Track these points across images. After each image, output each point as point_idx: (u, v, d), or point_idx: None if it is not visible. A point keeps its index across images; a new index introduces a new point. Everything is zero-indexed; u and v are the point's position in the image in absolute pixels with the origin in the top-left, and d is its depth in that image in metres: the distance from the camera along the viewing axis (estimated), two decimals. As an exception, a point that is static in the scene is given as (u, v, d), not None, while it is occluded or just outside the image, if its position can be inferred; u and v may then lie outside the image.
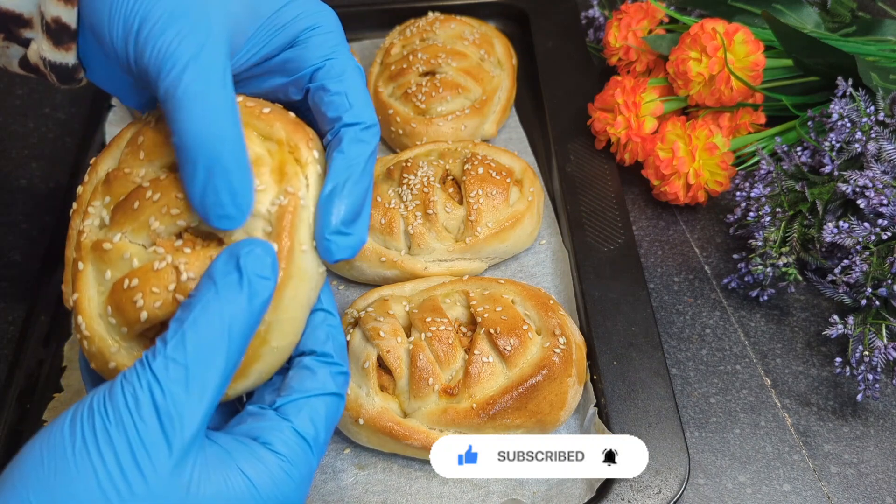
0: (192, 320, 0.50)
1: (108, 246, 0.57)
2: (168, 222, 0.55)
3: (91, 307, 0.57)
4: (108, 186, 0.59)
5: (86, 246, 0.58)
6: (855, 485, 0.78)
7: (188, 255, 0.54)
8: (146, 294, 0.54)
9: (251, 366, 0.55)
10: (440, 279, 0.89)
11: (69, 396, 0.86)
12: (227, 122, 0.52)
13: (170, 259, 0.54)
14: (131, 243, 0.56)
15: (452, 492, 0.78)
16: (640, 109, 0.96)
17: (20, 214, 1.05)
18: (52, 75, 0.62)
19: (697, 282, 0.94)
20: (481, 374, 0.77)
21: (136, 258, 0.56)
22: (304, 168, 0.57)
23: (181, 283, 0.54)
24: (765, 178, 0.92)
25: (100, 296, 0.57)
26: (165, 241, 0.56)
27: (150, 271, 0.54)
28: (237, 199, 0.53)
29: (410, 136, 1.03)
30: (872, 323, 0.82)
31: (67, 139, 1.14)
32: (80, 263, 0.58)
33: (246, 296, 0.51)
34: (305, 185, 0.56)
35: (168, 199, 0.55)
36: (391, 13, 1.19)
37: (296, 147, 0.57)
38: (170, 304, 0.54)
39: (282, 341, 0.55)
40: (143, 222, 0.56)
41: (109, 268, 0.57)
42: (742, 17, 1.04)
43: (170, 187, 0.55)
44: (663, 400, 0.79)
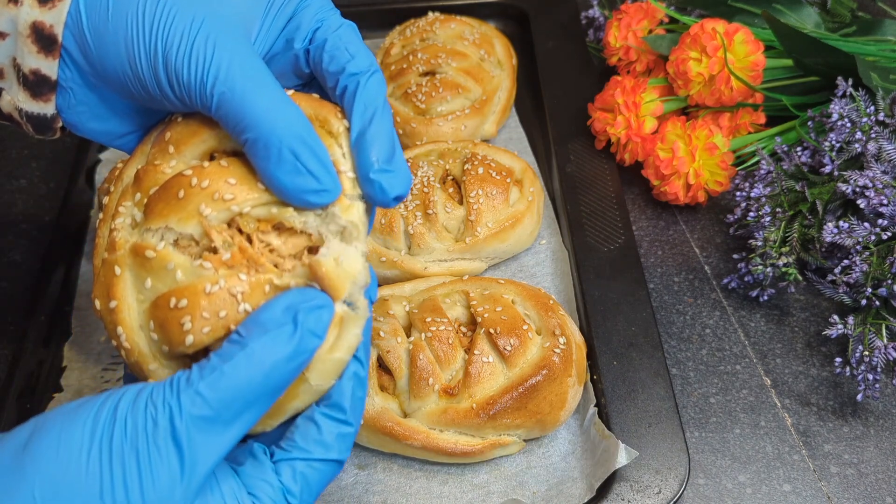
0: (234, 364, 0.49)
1: (150, 254, 0.54)
2: (220, 208, 0.53)
3: (132, 317, 0.55)
4: (138, 184, 0.57)
5: (121, 246, 0.55)
6: (855, 485, 0.78)
7: (243, 283, 0.52)
8: (195, 318, 0.52)
9: (287, 403, 0.54)
10: (440, 279, 0.89)
11: (69, 396, 0.86)
12: (292, 105, 0.53)
13: (223, 283, 0.52)
14: (175, 251, 0.54)
15: (452, 492, 0.78)
16: (640, 109, 0.96)
17: (20, 214, 1.05)
18: (27, 125, 0.61)
19: (697, 282, 0.94)
20: (481, 374, 0.77)
21: (181, 270, 0.53)
22: (337, 138, 0.56)
23: (235, 314, 0.52)
24: (765, 178, 0.92)
25: (139, 304, 0.55)
26: (212, 256, 0.53)
27: (201, 293, 0.52)
28: (329, 171, 0.53)
29: (410, 136, 1.03)
30: (872, 323, 0.82)
31: (67, 139, 1.14)
32: (117, 268, 0.55)
33: (293, 350, 0.50)
34: (342, 154, 0.55)
35: (218, 185, 0.53)
36: (391, 13, 1.19)
37: (325, 120, 0.56)
38: (219, 330, 0.52)
39: (322, 382, 0.54)
40: (192, 211, 0.54)
41: (150, 276, 0.54)
42: (742, 17, 1.04)
43: (218, 173, 0.54)
44: (663, 400, 0.79)
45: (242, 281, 0.52)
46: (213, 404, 0.48)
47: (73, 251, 0.99)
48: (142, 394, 0.49)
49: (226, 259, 0.53)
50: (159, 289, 0.54)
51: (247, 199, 0.53)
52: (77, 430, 0.48)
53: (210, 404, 0.48)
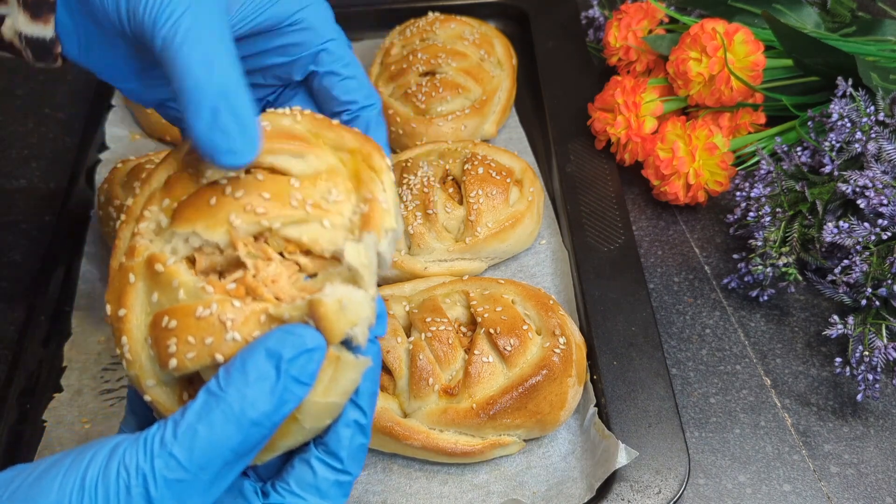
0: (210, 422, 0.46)
1: (159, 268, 0.53)
2: (251, 220, 0.52)
3: (137, 331, 0.54)
4: (168, 190, 0.56)
5: (140, 253, 0.55)
6: (855, 485, 0.78)
7: (236, 310, 0.50)
8: (181, 341, 0.51)
9: (278, 442, 0.52)
10: (440, 279, 0.89)
11: (69, 396, 0.86)
12: (230, 62, 0.52)
13: (215, 308, 0.51)
14: (185, 267, 0.53)
15: (452, 492, 0.78)
16: (640, 109, 0.96)
17: (20, 214, 1.05)
18: (27, 51, 0.60)
19: (697, 282, 0.94)
20: (481, 374, 0.77)
21: (184, 290, 0.52)
22: (379, 174, 0.55)
23: (222, 342, 0.50)
24: (765, 178, 0.92)
25: (146, 316, 0.54)
26: (216, 282, 0.52)
27: (190, 316, 0.51)
28: (245, 133, 0.52)
29: (410, 136, 1.03)
30: (872, 323, 0.82)
31: (67, 139, 1.14)
32: (132, 275, 0.54)
33: (276, 403, 0.47)
34: (383, 190, 0.54)
35: (252, 197, 0.53)
36: (391, 13, 1.19)
37: (369, 155, 0.56)
38: (203, 358, 0.50)
39: (315, 424, 0.52)
40: (222, 219, 0.53)
41: (157, 291, 0.53)
42: (742, 17, 1.04)
43: (253, 186, 0.53)
44: (663, 400, 0.79)
45: (235, 308, 0.51)
46: (189, 467, 0.46)
47: (73, 251, 0.99)
48: (114, 456, 0.47)
49: (230, 289, 0.52)
50: (163, 304, 0.53)
51: (278, 216, 0.53)
52: None
53: (186, 467, 0.46)
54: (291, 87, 0.65)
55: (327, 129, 0.57)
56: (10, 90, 1.20)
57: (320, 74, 0.62)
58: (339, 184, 0.54)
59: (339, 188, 0.54)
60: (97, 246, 0.99)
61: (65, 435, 0.83)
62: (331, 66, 0.62)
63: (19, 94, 1.19)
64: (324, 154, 0.56)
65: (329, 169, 0.55)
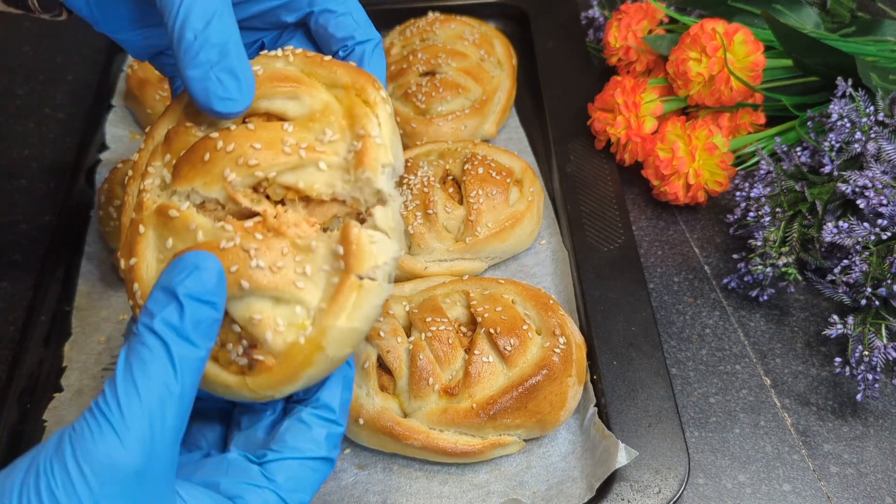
0: (127, 385, 0.45)
1: (173, 213, 0.54)
2: (245, 173, 0.53)
3: (149, 275, 0.55)
4: (168, 145, 0.57)
5: (148, 207, 0.55)
6: (855, 485, 0.78)
7: (259, 242, 0.52)
8: None
9: (303, 370, 0.52)
10: (440, 279, 0.89)
11: (69, 396, 0.86)
12: (227, 14, 0.53)
13: (238, 240, 0.52)
14: (199, 212, 0.54)
15: (452, 491, 0.78)
16: (640, 109, 0.96)
17: (20, 214, 1.05)
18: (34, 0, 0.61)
19: (697, 282, 0.94)
20: (481, 374, 0.78)
21: (202, 231, 0.53)
22: (373, 108, 0.55)
23: (247, 269, 0.51)
24: (765, 178, 0.92)
25: (159, 263, 0.55)
26: (235, 221, 0.53)
27: (215, 248, 0.52)
28: (240, 80, 0.53)
29: (410, 136, 1.03)
30: (872, 323, 0.83)
31: (67, 139, 1.14)
32: (141, 227, 0.55)
33: (185, 339, 0.47)
34: (377, 125, 0.54)
35: (243, 149, 0.53)
36: (391, 13, 1.19)
37: (362, 89, 0.56)
38: (230, 286, 0.51)
39: (339, 352, 0.53)
40: (217, 174, 0.54)
41: (172, 236, 0.54)
42: (742, 17, 1.05)
43: (244, 137, 0.54)
44: (663, 400, 0.79)
45: (258, 240, 0.52)
46: (122, 425, 0.44)
47: (73, 251, 0.99)
48: (62, 436, 0.45)
49: (248, 226, 0.53)
50: (179, 248, 0.54)
51: (272, 164, 0.53)
52: None
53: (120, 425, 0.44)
54: (289, 30, 0.66)
55: (319, 66, 0.57)
56: (10, 90, 1.20)
57: (316, 13, 0.62)
58: (332, 123, 0.54)
59: (333, 128, 0.54)
60: (97, 246, 0.99)
61: (65, 435, 0.83)
62: (326, 4, 0.62)
63: (19, 94, 1.19)
64: (318, 93, 0.56)
65: (323, 108, 0.55)
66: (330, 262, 0.52)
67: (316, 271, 0.52)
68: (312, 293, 0.52)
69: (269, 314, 0.52)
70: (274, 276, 0.52)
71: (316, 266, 0.52)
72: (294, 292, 0.52)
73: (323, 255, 0.52)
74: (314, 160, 0.53)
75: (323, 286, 0.52)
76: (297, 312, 0.52)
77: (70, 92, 1.19)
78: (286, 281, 0.52)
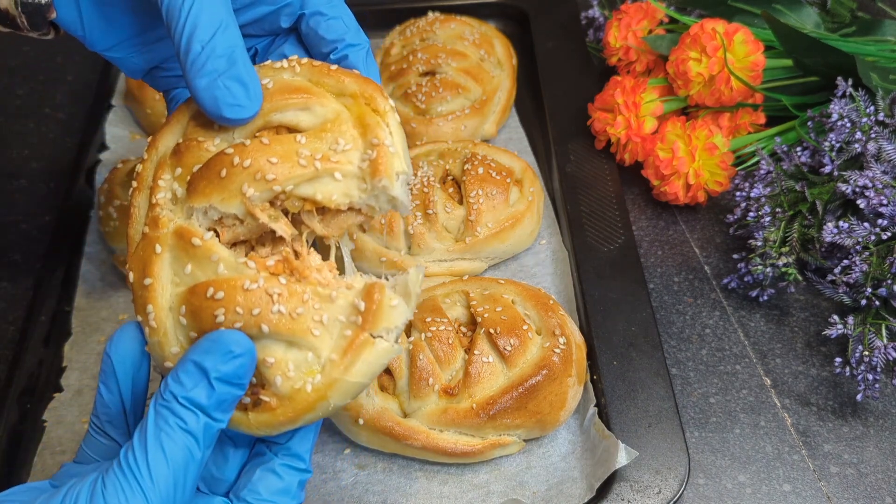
0: (155, 448, 0.50)
1: (196, 241, 0.54)
2: (263, 188, 0.54)
3: (164, 298, 0.55)
4: (177, 158, 0.57)
5: (164, 224, 0.56)
6: (855, 485, 0.78)
7: (282, 287, 0.53)
8: (229, 311, 0.52)
9: (304, 415, 0.54)
10: (440, 279, 0.89)
11: (69, 396, 0.86)
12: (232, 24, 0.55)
13: (262, 283, 0.53)
14: (221, 245, 0.55)
15: (452, 492, 0.78)
16: (640, 109, 0.96)
17: (20, 214, 1.05)
18: (22, 17, 0.62)
19: (697, 282, 0.94)
20: (481, 374, 0.77)
21: (224, 264, 0.54)
22: (384, 117, 0.56)
23: (267, 314, 0.52)
24: (765, 178, 0.92)
25: (174, 287, 0.55)
26: (258, 259, 0.54)
27: (238, 288, 0.53)
28: (248, 86, 0.54)
29: (410, 137, 1.03)
30: (872, 323, 0.82)
31: (67, 139, 1.14)
32: (158, 246, 0.55)
33: (214, 403, 0.51)
34: (389, 134, 0.55)
35: (260, 164, 0.54)
36: (391, 13, 1.19)
37: (371, 98, 0.56)
38: (250, 327, 0.52)
39: (340, 402, 0.54)
40: (235, 190, 0.54)
41: (192, 263, 0.54)
42: (742, 17, 1.04)
43: (260, 151, 0.54)
44: (663, 400, 0.79)
45: (281, 284, 0.53)
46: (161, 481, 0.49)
47: (73, 251, 0.99)
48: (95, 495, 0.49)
49: (270, 265, 0.54)
50: (198, 276, 0.54)
51: (288, 178, 0.53)
52: None
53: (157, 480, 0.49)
54: (282, 36, 0.67)
55: (326, 75, 0.58)
56: (10, 90, 1.20)
57: (307, 16, 0.63)
58: (345, 132, 0.55)
59: (345, 137, 0.55)
60: (97, 246, 0.99)
61: (65, 435, 0.83)
62: (317, 7, 0.63)
63: (19, 94, 1.19)
64: (328, 102, 0.57)
65: (335, 117, 0.56)
66: (346, 314, 0.53)
67: (332, 321, 0.53)
68: (326, 342, 0.53)
69: (281, 358, 0.53)
70: (293, 321, 0.52)
71: (333, 316, 0.53)
72: (309, 339, 0.53)
73: (341, 306, 0.53)
74: (330, 171, 0.54)
75: (336, 336, 0.53)
76: (308, 359, 0.53)
77: (70, 92, 1.19)
78: (303, 327, 0.53)
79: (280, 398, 0.53)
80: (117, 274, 0.96)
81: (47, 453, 0.82)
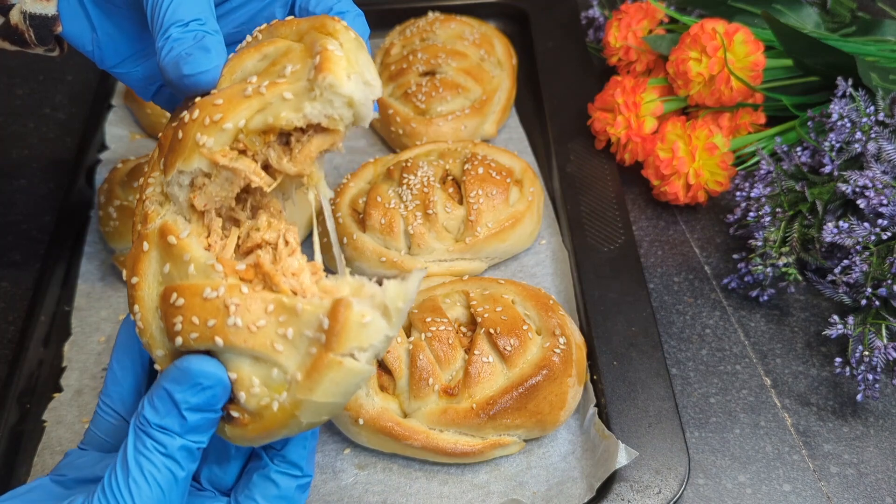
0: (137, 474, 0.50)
1: (172, 240, 0.52)
2: (214, 131, 0.51)
3: (150, 297, 0.53)
4: (160, 149, 0.56)
5: (152, 219, 0.54)
6: (855, 485, 0.78)
7: (243, 297, 0.50)
8: (186, 320, 0.50)
9: (277, 431, 0.51)
10: (440, 279, 0.89)
11: (69, 396, 0.86)
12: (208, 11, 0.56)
13: (222, 291, 0.50)
14: (194, 243, 0.53)
15: (452, 492, 0.78)
16: (640, 109, 0.96)
17: (20, 214, 1.05)
18: (30, 31, 0.63)
19: (697, 282, 0.94)
20: (481, 375, 0.77)
21: (194, 264, 0.52)
22: (334, 35, 0.53)
23: (223, 326, 0.49)
24: (765, 178, 0.92)
25: (158, 286, 0.53)
26: (227, 261, 0.51)
27: (198, 296, 0.50)
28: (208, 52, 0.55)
29: (410, 136, 1.03)
30: (872, 323, 0.82)
31: (67, 139, 1.14)
32: (145, 244, 0.54)
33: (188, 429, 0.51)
34: (339, 45, 0.52)
35: (207, 109, 0.52)
36: (391, 13, 1.19)
37: (321, 25, 0.54)
38: (205, 340, 0.50)
39: (314, 419, 0.51)
40: (191, 145, 0.51)
41: (169, 262, 0.53)
42: (742, 17, 1.04)
43: (207, 101, 0.52)
44: (663, 400, 0.79)
45: (242, 294, 0.50)
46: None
47: (73, 251, 0.99)
48: None
49: (239, 269, 0.51)
50: (174, 277, 0.52)
51: (236, 113, 0.51)
52: None
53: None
54: None
55: (281, 25, 0.57)
56: (10, 90, 1.20)
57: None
58: (293, 59, 0.53)
59: (293, 62, 0.53)
60: (97, 246, 0.99)
61: (65, 435, 0.83)
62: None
63: (19, 94, 1.19)
64: (281, 42, 0.55)
65: (285, 51, 0.54)
66: (313, 329, 0.49)
67: (297, 335, 0.49)
68: (291, 358, 0.49)
69: (245, 373, 0.50)
70: (251, 335, 0.49)
71: (298, 330, 0.49)
72: (271, 354, 0.49)
73: (307, 321, 0.49)
74: (277, 93, 0.51)
75: (303, 352, 0.49)
76: (273, 375, 0.50)
77: (70, 92, 1.19)
78: (264, 342, 0.49)
79: (249, 414, 0.51)
80: (117, 274, 0.96)
81: (47, 453, 0.82)
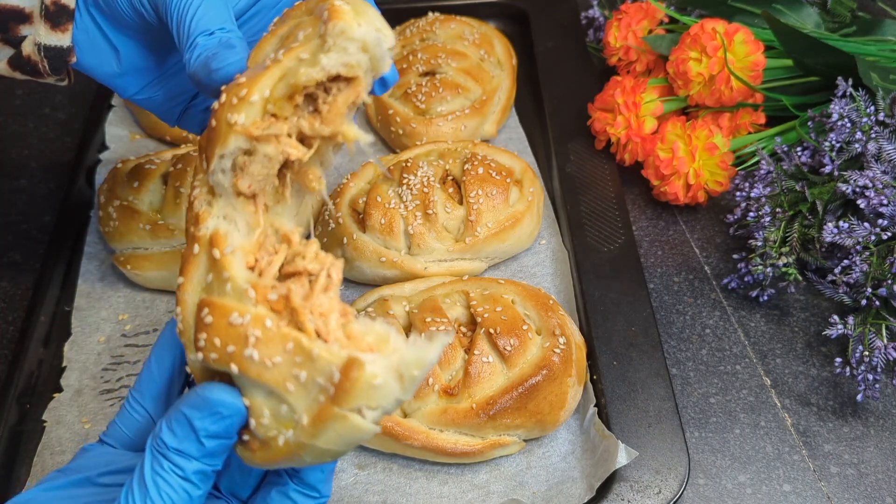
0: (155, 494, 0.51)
1: (216, 254, 0.53)
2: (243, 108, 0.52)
3: (190, 303, 0.54)
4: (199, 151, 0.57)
5: (203, 220, 0.55)
6: (855, 485, 0.78)
7: (266, 330, 0.50)
8: (209, 340, 0.51)
9: (284, 462, 0.52)
10: (440, 279, 0.89)
11: (69, 396, 0.86)
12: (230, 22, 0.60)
13: (248, 319, 0.50)
14: (236, 261, 0.53)
15: (452, 492, 0.78)
16: (640, 109, 0.96)
17: (20, 214, 1.05)
18: (44, 62, 0.64)
19: (697, 282, 0.94)
20: (481, 375, 0.77)
21: (231, 283, 0.52)
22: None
23: (241, 355, 0.50)
24: (765, 178, 0.92)
25: (199, 293, 0.54)
26: (261, 288, 0.51)
27: (225, 318, 0.51)
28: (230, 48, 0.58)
29: (410, 136, 1.03)
30: (872, 323, 0.82)
31: (67, 139, 1.14)
32: (196, 246, 0.54)
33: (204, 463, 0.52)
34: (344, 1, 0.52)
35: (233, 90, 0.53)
36: (391, 13, 1.19)
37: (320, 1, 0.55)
38: (222, 363, 0.51)
39: (315, 460, 0.51)
40: (225, 128, 0.52)
41: (212, 273, 0.53)
42: (742, 17, 1.04)
43: (230, 88, 0.53)
44: (663, 400, 0.79)
45: (266, 328, 0.50)
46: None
47: (73, 251, 0.99)
48: None
49: (271, 299, 0.51)
50: (212, 290, 0.53)
51: (259, 84, 0.52)
52: None
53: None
54: None
55: (292, 10, 0.58)
56: (10, 90, 1.20)
57: None
58: (304, 27, 0.54)
59: (304, 29, 0.54)
60: (97, 246, 0.99)
61: (65, 435, 0.83)
62: None
63: (19, 94, 1.19)
64: (291, 23, 0.57)
65: (297, 24, 0.55)
66: (325, 378, 0.49)
67: (310, 380, 0.49)
68: (300, 400, 0.50)
69: (258, 403, 0.51)
70: (266, 370, 0.50)
71: (311, 375, 0.49)
72: (283, 392, 0.50)
73: (320, 368, 0.49)
74: (294, 56, 0.52)
75: (312, 398, 0.49)
76: (283, 411, 0.50)
77: (70, 92, 1.19)
78: (277, 379, 0.50)
79: (258, 441, 0.52)
80: (117, 274, 0.96)
81: (47, 453, 0.82)
